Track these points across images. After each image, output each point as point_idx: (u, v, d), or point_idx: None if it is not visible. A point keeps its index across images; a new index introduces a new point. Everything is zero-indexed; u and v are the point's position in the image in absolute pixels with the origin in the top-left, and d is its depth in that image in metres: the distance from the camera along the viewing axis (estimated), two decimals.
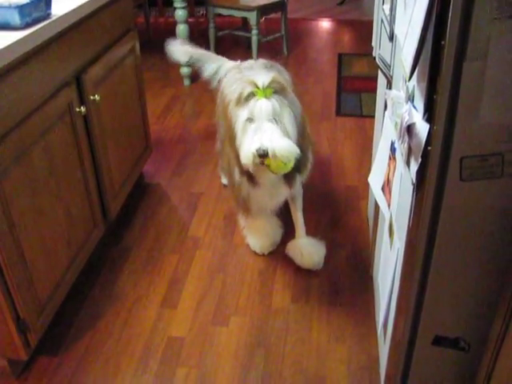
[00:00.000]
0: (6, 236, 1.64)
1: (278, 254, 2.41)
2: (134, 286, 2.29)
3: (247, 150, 1.81)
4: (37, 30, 1.72)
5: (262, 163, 1.81)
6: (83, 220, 2.16)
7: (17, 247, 1.70)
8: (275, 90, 1.84)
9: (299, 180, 2.14)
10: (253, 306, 2.16)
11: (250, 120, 1.84)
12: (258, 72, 1.98)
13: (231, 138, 1.96)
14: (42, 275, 1.86)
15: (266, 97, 1.81)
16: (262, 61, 2.47)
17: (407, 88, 1.26)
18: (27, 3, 1.69)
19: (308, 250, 2.30)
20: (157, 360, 1.95)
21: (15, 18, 1.66)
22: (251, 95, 1.84)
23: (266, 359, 1.94)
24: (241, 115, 1.87)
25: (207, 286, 2.27)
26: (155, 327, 2.08)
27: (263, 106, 1.80)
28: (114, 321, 2.12)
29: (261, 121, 1.80)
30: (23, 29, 1.69)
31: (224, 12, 4.50)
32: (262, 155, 1.77)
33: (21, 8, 1.66)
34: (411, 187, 1.26)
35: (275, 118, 1.81)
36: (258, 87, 1.83)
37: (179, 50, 2.92)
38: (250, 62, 2.51)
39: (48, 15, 1.82)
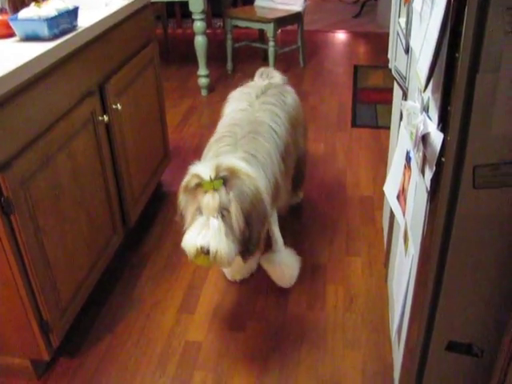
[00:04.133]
0: (32, 239, 1.69)
1: None
2: (152, 291, 2.34)
3: (192, 243, 1.73)
4: (64, 42, 1.79)
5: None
6: (104, 226, 2.21)
7: (41, 250, 1.76)
8: (224, 178, 1.74)
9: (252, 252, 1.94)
10: (269, 312, 2.20)
11: (198, 211, 1.77)
12: (209, 160, 1.87)
13: None
14: (65, 278, 1.92)
15: (213, 188, 1.72)
16: (266, 82, 2.41)
17: (422, 99, 1.30)
18: (55, 16, 1.76)
19: (283, 265, 2.26)
20: (174, 364, 1.99)
21: (44, 30, 1.73)
22: (199, 186, 1.76)
23: (282, 364, 1.97)
24: (190, 204, 1.81)
25: (224, 292, 2.32)
26: (173, 332, 2.13)
27: (210, 200, 1.71)
28: (133, 325, 2.17)
29: (208, 215, 1.73)
30: (51, 40, 1.76)
31: (241, 24, 4.57)
32: (206, 253, 1.72)
33: (49, 21, 1.73)
34: (426, 195, 1.29)
35: (222, 213, 1.73)
36: (204, 179, 1.74)
37: None
38: (252, 83, 2.47)
39: (74, 27, 1.89)
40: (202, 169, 1.77)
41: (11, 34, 1.84)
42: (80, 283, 2.03)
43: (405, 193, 1.56)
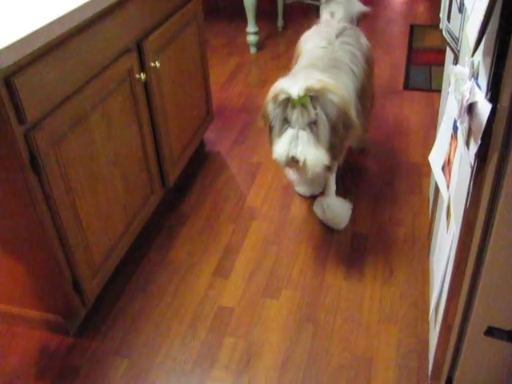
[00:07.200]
0: (64, 199, 1.68)
1: (334, 230, 2.38)
2: (188, 253, 2.31)
3: (282, 152, 1.89)
4: None
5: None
6: (141, 186, 2.18)
7: (73, 210, 1.74)
8: (312, 96, 1.86)
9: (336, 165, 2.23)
10: (305, 281, 2.14)
11: (287, 123, 1.91)
12: (298, 77, 1.96)
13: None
14: (98, 239, 1.90)
15: (302, 104, 1.85)
16: (341, 24, 2.48)
17: (472, 63, 1.18)
18: None
19: (332, 207, 2.37)
20: (205, 328, 1.97)
21: None
22: (287, 100, 1.88)
23: (314, 335, 1.92)
24: (279, 115, 1.93)
25: (261, 258, 2.27)
26: (206, 295, 2.10)
27: (299, 115, 1.86)
28: (167, 286, 2.15)
29: (297, 128, 1.88)
30: None
31: None
32: (296, 162, 1.89)
33: None
34: (469, 170, 1.19)
35: (310, 126, 1.88)
36: (292, 96, 1.87)
37: None
38: (327, 23, 2.56)
39: None
40: (291, 85, 1.87)
41: None
42: (114, 243, 2.02)
43: (450, 164, 1.45)
